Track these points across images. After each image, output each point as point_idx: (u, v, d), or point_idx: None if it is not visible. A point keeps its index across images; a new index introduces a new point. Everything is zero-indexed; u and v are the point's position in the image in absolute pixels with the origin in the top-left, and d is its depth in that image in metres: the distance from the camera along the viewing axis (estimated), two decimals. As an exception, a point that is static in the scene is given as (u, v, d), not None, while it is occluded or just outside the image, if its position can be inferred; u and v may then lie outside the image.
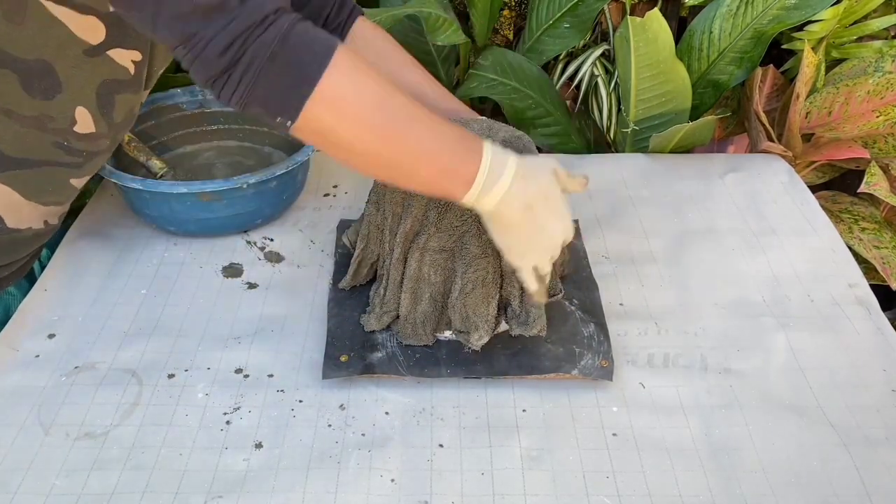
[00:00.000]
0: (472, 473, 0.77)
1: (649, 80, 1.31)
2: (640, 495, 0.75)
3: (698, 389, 0.86)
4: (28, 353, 0.89)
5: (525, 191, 0.74)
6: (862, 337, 0.93)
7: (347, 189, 1.20)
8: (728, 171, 1.25)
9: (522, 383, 0.87)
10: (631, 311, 0.97)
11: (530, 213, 0.75)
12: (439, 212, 0.83)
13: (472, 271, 0.85)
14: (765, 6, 1.36)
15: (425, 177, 0.73)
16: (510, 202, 0.74)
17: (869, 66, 1.36)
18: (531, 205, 0.75)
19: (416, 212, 0.84)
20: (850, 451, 0.79)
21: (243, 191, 1.03)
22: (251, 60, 0.64)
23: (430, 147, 0.71)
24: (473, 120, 0.94)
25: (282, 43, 0.64)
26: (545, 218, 0.76)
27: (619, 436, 0.81)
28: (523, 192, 0.74)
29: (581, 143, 1.52)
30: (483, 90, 1.47)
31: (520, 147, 0.87)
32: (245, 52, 0.64)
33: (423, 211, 0.84)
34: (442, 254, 0.85)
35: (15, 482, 0.75)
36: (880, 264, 1.27)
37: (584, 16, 1.48)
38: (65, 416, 0.82)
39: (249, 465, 0.77)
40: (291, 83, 0.65)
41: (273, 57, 0.64)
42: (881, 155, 1.33)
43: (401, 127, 0.70)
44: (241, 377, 0.87)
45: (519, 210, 0.75)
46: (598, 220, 1.13)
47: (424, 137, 0.71)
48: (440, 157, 0.72)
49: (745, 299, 0.99)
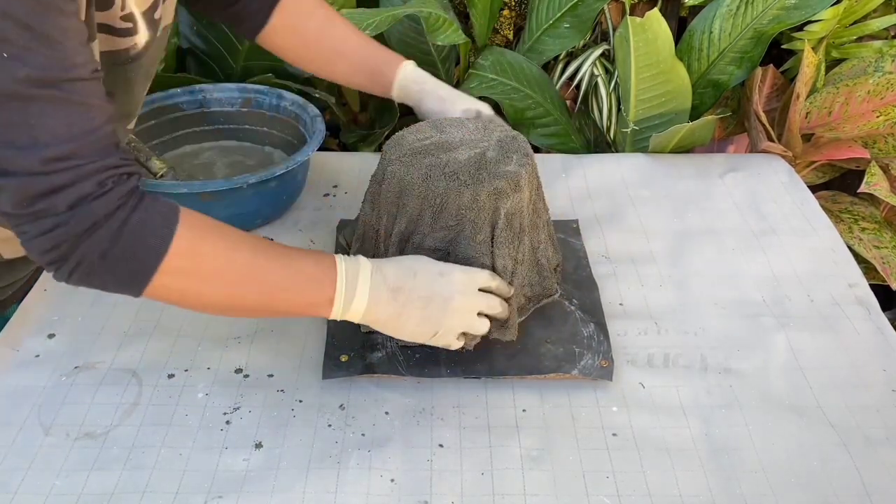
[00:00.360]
0: (472, 473, 0.77)
1: (649, 80, 1.31)
2: (640, 495, 0.75)
3: (698, 389, 0.86)
4: (28, 353, 0.89)
5: (392, 298, 0.76)
6: (862, 337, 0.93)
7: (347, 189, 1.20)
8: (728, 170, 1.25)
9: (522, 383, 0.87)
10: (631, 311, 0.97)
11: (406, 312, 0.77)
12: (434, 212, 0.83)
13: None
14: (765, 6, 1.36)
15: (288, 312, 0.80)
16: (377, 309, 0.76)
17: (869, 66, 1.36)
18: (402, 308, 0.77)
19: (411, 212, 0.84)
20: (850, 451, 0.79)
21: (243, 191, 1.03)
22: (80, 260, 0.63)
23: (282, 289, 0.73)
24: (469, 120, 0.94)
25: (112, 242, 0.63)
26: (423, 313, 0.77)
27: (619, 436, 0.81)
28: (387, 298, 0.76)
29: (581, 143, 1.52)
30: (483, 90, 1.47)
31: (515, 147, 0.87)
32: (72, 253, 0.63)
33: (418, 211, 0.84)
34: (436, 254, 0.85)
35: (15, 482, 0.75)
36: (880, 264, 1.27)
37: (584, 16, 1.48)
38: (65, 416, 0.82)
39: (249, 465, 0.77)
40: (127, 276, 0.66)
41: (104, 255, 0.63)
42: (881, 155, 1.33)
43: (248, 285, 0.71)
44: (241, 377, 0.87)
45: (391, 313, 0.77)
46: (598, 220, 1.13)
47: (276, 282, 0.73)
48: (295, 296, 0.75)
49: (745, 299, 0.99)
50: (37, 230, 0.62)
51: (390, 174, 0.85)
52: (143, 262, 0.65)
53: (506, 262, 0.85)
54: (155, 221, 0.65)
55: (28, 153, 0.59)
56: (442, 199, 0.82)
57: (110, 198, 0.63)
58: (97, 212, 0.62)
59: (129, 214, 0.64)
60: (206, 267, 0.69)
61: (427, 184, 0.82)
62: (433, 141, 0.89)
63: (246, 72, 1.53)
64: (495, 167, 0.84)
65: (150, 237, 0.65)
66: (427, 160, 0.85)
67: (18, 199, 0.61)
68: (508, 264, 0.85)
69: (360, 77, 1.04)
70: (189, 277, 0.68)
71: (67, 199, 0.61)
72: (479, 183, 0.82)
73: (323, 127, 1.12)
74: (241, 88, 1.24)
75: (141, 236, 0.64)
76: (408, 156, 0.86)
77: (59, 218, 0.61)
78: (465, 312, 0.79)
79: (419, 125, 0.93)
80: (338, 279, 0.74)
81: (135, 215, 0.64)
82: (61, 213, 0.61)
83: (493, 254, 0.84)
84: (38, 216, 0.61)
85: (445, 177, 0.82)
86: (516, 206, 0.85)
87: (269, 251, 0.73)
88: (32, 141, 0.59)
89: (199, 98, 1.22)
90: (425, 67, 1.04)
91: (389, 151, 0.88)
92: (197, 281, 0.69)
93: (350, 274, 0.75)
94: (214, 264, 0.69)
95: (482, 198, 0.82)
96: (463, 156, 0.86)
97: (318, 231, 1.11)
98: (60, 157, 0.60)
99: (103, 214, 0.62)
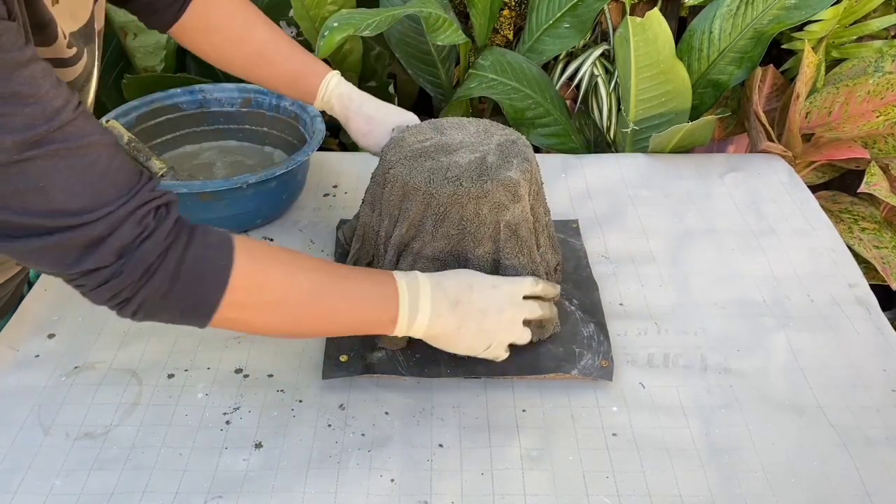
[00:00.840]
0: (472, 473, 0.77)
1: (649, 80, 1.31)
2: (640, 495, 0.75)
3: (698, 389, 0.86)
4: (28, 353, 0.89)
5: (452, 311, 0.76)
6: (862, 337, 0.93)
7: (347, 189, 1.20)
8: (728, 170, 1.25)
9: (522, 383, 0.87)
10: (631, 311, 0.97)
11: (465, 325, 0.77)
12: (436, 220, 0.83)
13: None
14: (765, 6, 1.36)
15: (351, 331, 0.78)
16: (439, 322, 0.76)
17: (869, 66, 1.36)
18: (462, 321, 0.77)
19: (413, 218, 0.84)
20: (850, 451, 0.79)
21: (243, 191, 1.03)
22: (142, 302, 0.62)
23: (345, 313, 0.73)
24: (470, 121, 0.94)
25: (172, 283, 0.62)
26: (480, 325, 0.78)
27: (619, 436, 0.81)
28: (448, 311, 0.76)
29: (581, 143, 1.52)
30: (483, 90, 1.47)
31: (515, 151, 0.87)
32: (134, 297, 0.62)
33: (420, 217, 0.84)
34: (435, 262, 0.85)
35: (15, 482, 0.75)
36: (880, 264, 1.27)
37: (584, 16, 1.48)
38: (65, 416, 0.82)
39: (249, 465, 0.77)
40: (191, 311, 0.65)
41: (166, 295, 0.62)
42: (881, 155, 1.33)
43: (312, 307, 0.71)
44: (240, 377, 0.87)
45: (453, 326, 0.77)
46: (598, 220, 1.13)
47: (338, 306, 0.72)
48: (358, 317, 0.74)
49: (745, 299, 0.99)
50: (93, 283, 0.60)
51: (393, 177, 0.85)
52: (204, 297, 0.64)
53: (518, 272, 0.85)
54: (211, 256, 0.64)
55: (49, 216, 0.57)
56: (445, 209, 0.82)
57: (157, 238, 0.61)
58: (148, 256, 0.60)
59: (183, 252, 0.62)
60: (268, 298, 0.68)
61: (429, 188, 0.82)
62: (433, 143, 0.89)
63: (246, 72, 1.53)
64: (497, 172, 0.83)
65: (209, 273, 0.64)
66: (428, 163, 0.85)
67: (61, 261, 0.59)
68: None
69: (283, 83, 1.00)
70: (251, 309, 0.68)
71: (112, 250, 0.59)
72: (483, 195, 0.82)
73: (323, 127, 1.12)
74: (241, 88, 1.24)
75: (199, 274, 0.63)
76: (409, 158, 0.86)
77: (112, 270, 0.60)
78: (515, 323, 0.80)
79: (419, 126, 0.93)
80: (400, 298, 0.74)
81: (190, 252, 0.63)
82: (111, 264, 0.60)
83: (501, 264, 0.84)
84: (88, 272, 0.60)
85: (448, 181, 0.82)
86: (518, 217, 0.84)
87: (328, 275, 0.72)
88: (48, 202, 0.57)
89: (199, 98, 1.22)
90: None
91: (389, 153, 0.88)
92: (259, 312, 0.68)
93: (411, 291, 0.75)
94: (275, 294, 0.69)
95: (484, 212, 0.82)
96: (464, 159, 0.86)
97: (318, 231, 1.11)
98: (83, 209, 0.58)
99: (156, 255, 0.61)
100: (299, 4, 1.38)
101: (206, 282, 0.64)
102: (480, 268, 0.84)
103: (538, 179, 0.91)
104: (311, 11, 1.39)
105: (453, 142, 0.89)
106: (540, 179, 0.92)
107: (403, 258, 0.86)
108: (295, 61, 0.98)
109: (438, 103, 1.66)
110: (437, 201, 0.82)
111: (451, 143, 0.89)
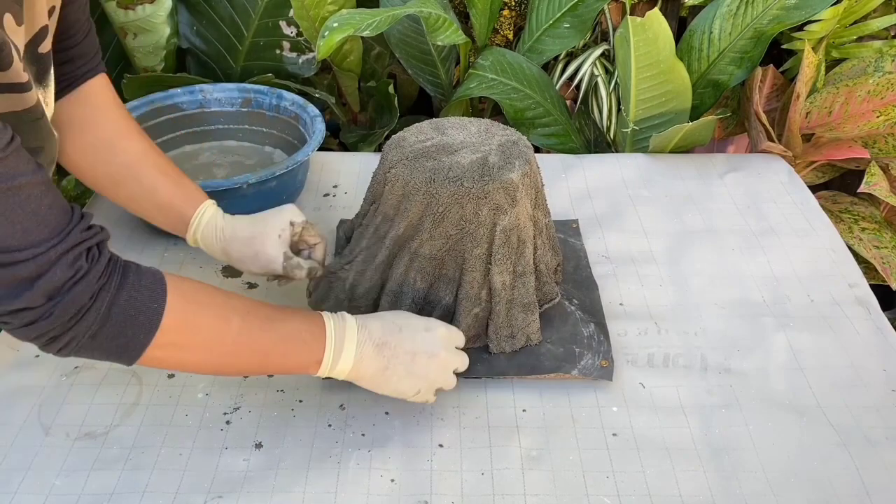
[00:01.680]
0: (472, 473, 0.77)
1: (649, 80, 1.31)
2: (640, 495, 0.75)
3: (698, 389, 0.86)
4: (28, 353, 0.89)
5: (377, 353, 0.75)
6: (862, 337, 0.93)
7: (347, 189, 1.20)
8: (728, 171, 1.25)
9: (522, 383, 0.87)
10: (631, 311, 0.97)
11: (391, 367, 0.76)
12: (435, 219, 0.83)
13: (466, 281, 0.85)
14: (765, 6, 1.36)
15: (280, 371, 0.81)
16: (361, 365, 0.75)
17: (869, 66, 1.37)
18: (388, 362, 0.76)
19: (412, 216, 0.84)
20: (850, 451, 0.79)
21: (243, 191, 1.03)
22: (69, 341, 0.61)
23: (274, 354, 0.73)
24: (471, 121, 0.94)
25: (102, 324, 0.61)
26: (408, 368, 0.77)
27: (619, 436, 0.81)
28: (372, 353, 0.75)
29: (581, 143, 1.52)
30: (483, 90, 1.47)
31: (516, 152, 0.87)
32: (61, 336, 0.60)
33: (419, 216, 0.84)
34: (431, 262, 0.85)
35: (15, 482, 0.75)
36: (880, 264, 1.27)
37: (584, 16, 1.48)
38: (65, 416, 0.82)
39: (249, 465, 0.77)
40: (118, 352, 0.64)
41: (95, 335, 0.62)
42: (881, 155, 1.33)
43: (239, 353, 0.71)
44: (240, 377, 0.87)
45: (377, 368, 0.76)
46: (598, 220, 1.13)
47: (267, 348, 0.72)
48: (286, 359, 0.74)
49: (745, 299, 0.99)
50: (20, 322, 0.59)
51: (394, 176, 0.85)
52: (134, 338, 0.64)
53: (504, 278, 0.85)
54: (143, 297, 0.63)
55: None
56: (444, 208, 0.82)
57: (90, 280, 0.60)
58: (80, 298, 0.59)
59: (115, 295, 0.62)
60: (198, 339, 0.68)
61: (430, 188, 0.82)
62: (434, 143, 0.89)
63: (246, 72, 1.53)
64: (498, 173, 0.83)
65: (141, 314, 0.63)
66: (430, 164, 0.85)
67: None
68: (507, 280, 0.85)
69: (149, 207, 0.90)
70: (181, 350, 0.68)
71: (42, 292, 0.58)
72: (483, 196, 0.81)
73: (323, 127, 1.12)
74: (241, 88, 1.24)
75: (130, 315, 0.63)
76: (410, 158, 0.86)
77: (40, 311, 0.58)
78: (446, 369, 0.79)
79: (419, 125, 0.93)
80: (326, 340, 0.74)
81: (122, 294, 0.62)
82: (40, 305, 0.58)
83: (490, 270, 0.84)
84: (16, 311, 0.58)
85: (449, 181, 0.82)
86: (514, 221, 0.84)
87: (259, 316, 0.72)
88: None
89: (199, 98, 1.22)
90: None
91: (390, 152, 0.88)
92: (189, 352, 0.69)
93: (338, 334, 0.74)
94: (206, 335, 0.69)
95: (484, 212, 0.82)
96: (465, 160, 0.85)
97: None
98: (11, 247, 0.56)
99: (88, 297, 0.60)
100: (299, 4, 1.38)
101: (137, 323, 0.63)
102: (475, 269, 0.84)
103: (538, 181, 0.91)
104: (311, 11, 1.39)
105: (454, 142, 0.89)
106: (540, 181, 0.91)
107: (399, 258, 0.86)
108: (166, 183, 0.88)
109: (438, 103, 1.66)
110: (437, 201, 0.82)
111: (453, 143, 0.89)
